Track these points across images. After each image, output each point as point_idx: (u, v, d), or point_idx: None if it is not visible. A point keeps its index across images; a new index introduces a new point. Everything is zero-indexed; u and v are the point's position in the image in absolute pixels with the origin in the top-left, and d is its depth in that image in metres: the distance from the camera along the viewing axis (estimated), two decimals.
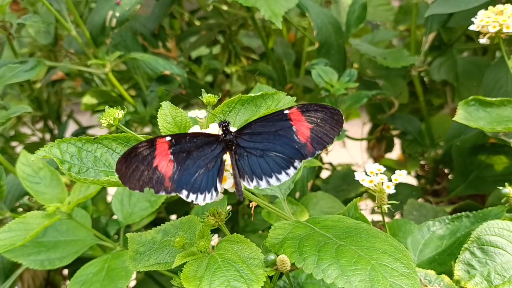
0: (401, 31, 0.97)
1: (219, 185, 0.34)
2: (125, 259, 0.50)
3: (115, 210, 0.58)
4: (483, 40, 0.52)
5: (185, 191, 0.34)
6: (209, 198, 0.34)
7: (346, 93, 0.66)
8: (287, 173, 0.35)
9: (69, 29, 0.71)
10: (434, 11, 0.66)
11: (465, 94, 0.74)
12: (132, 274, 0.49)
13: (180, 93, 0.83)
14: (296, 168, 0.35)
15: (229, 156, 0.35)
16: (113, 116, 0.35)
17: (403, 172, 0.41)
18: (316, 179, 0.83)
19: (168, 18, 0.96)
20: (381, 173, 0.40)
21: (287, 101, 0.39)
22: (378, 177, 0.40)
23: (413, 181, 0.95)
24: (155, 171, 0.33)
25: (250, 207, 0.47)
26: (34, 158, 0.35)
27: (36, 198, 0.54)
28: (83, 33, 0.74)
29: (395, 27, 0.97)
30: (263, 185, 0.35)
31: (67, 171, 0.35)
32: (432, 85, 0.92)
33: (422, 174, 0.94)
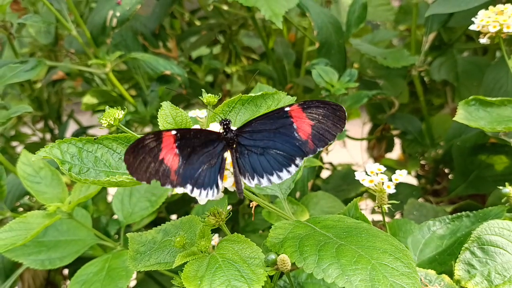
0: (401, 31, 0.97)
1: (220, 182, 0.34)
2: (126, 258, 0.50)
3: (115, 209, 0.58)
4: (483, 40, 0.52)
5: (189, 186, 0.34)
6: (211, 194, 0.34)
7: (346, 93, 0.66)
8: (288, 171, 0.35)
9: (69, 29, 0.71)
10: (434, 11, 0.66)
11: (465, 94, 0.74)
12: (132, 273, 0.49)
13: (181, 93, 0.83)
14: (297, 165, 0.35)
15: (229, 154, 0.35)
16: (113, 116, 0.35)
17: (403, 172, 0.41)
18: (316, 179, 0.83)
19: (169, 18, 0.96)
20: (381, 173, 0.40)
21: (287, 101, 0.39)
22: (379, 177, 0.40)
23: (414, 181, 0.95)
24: (161, 164, 0.32)
25: (251, 206, 0.47)
26: (34, 158, 0.35)
27: (36, 197, 0.54)
28: (83, 33, 0.74)
29: (395, 27, 0.97)
30: (264, 183, 0.35)
31: (67, 171, 0.35)
32: (433, 85, 0.92)
33: (423, 174, 0.94)
